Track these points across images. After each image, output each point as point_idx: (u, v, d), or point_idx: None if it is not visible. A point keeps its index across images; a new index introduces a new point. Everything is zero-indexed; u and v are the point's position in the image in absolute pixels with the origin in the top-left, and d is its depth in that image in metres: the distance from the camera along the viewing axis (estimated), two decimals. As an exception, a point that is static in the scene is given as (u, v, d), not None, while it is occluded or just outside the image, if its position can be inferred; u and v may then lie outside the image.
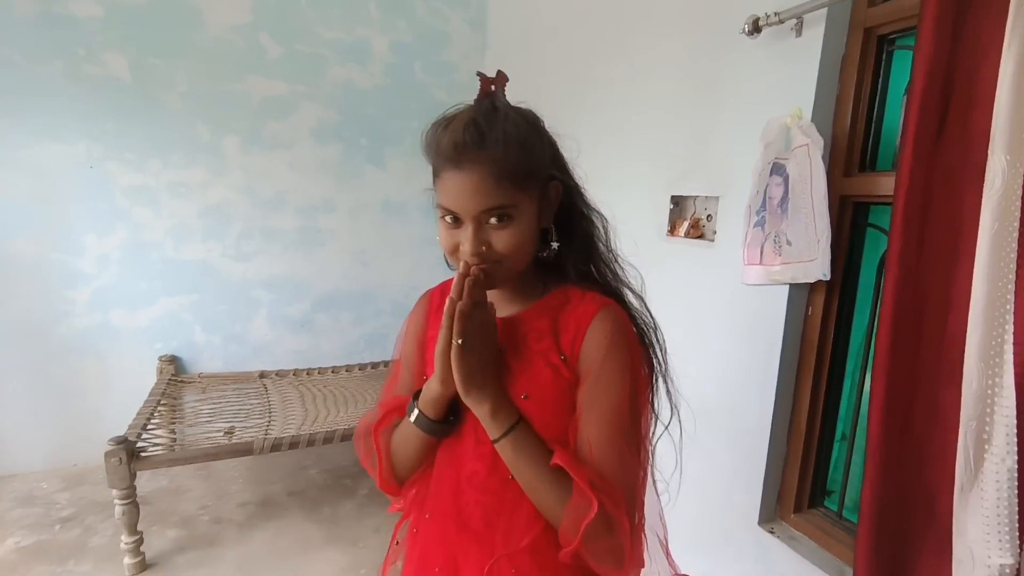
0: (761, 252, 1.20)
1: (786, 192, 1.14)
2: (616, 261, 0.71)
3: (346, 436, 2.04)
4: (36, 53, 2.23)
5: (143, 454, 1.83)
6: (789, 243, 1.14)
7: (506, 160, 0.58)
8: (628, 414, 0.61)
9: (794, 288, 1.25)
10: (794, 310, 1.27)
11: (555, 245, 0.66)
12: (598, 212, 0.70)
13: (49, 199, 2.33)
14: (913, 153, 0.87)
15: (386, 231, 2.97)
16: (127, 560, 1.83)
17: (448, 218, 0.62)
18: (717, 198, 1.46)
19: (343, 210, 2.87)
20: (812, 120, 1.15)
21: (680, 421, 0.74)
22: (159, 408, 2.22)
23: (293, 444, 1.98)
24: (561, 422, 0.62)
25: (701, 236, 1.54)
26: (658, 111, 1.67)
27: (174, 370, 2.61)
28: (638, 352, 0.64)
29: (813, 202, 1.09)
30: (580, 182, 0.69)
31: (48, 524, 2.13)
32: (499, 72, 0.64)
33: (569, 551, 0.58)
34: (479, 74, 0.64)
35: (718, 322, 1.48)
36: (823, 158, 1.10)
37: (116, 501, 1.78)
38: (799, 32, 1.17)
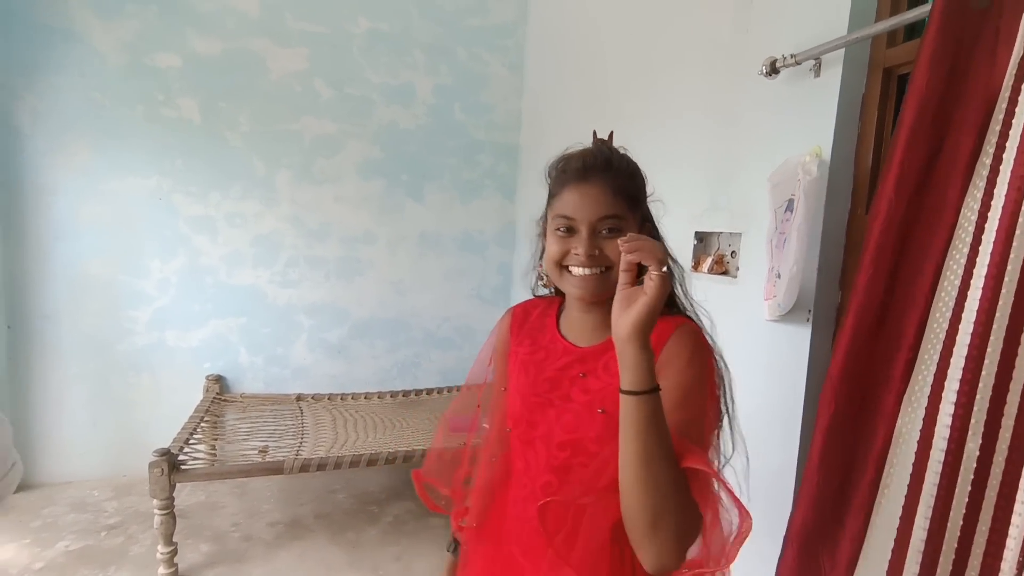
0: (770, 287, 1.20)
1: (795, 228, 1.14)
2: (691, 303, 0.77)
3: (372, 461, 2.09)
4: (122, 98, 2.52)
5: (183, 467, 1.94)
6: (779, 277, 1.14)
7: (623, 181, 0.70)
8: (707, 423, 0.63)
9: (817, 326, 1.22)
10: (818, 350, 1.24)
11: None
12: (675, 259, 0.74)
13: (123, 227, 2.58)
14: (896, 186, 0.86)
15: (421, 262, 3.08)
16: (161, 570, 1.91)
17: (562, 230, 0.70)
18: (740, 234, 1.46)
19: (382, 241, 3.01)
20: (832, 159, 1.15)
21: (747, 453, 0.77)
22: (202, 425, 2.34)
23: (321, 466, 2.03)
24: None
25: (725, 272, 1.53)
26: (684, 148, 1.70)
27: (219, 389, 2.76)
28: (712, 368, 0.67)
29: (794, 236, 1.09)
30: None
31: (95, 531, 2.25)
32: (611, 134, 0.77)
33: (717, 568, 0.57)
34: (594, 133, 0.76)
35: (743, 359, 1.44)
36: (810, 193, 1.09)
37: (155, 511, 1.88)
38: (817, 72, 1.18)
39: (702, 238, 1.62)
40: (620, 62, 2.12)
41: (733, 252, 1.49)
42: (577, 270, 0.68)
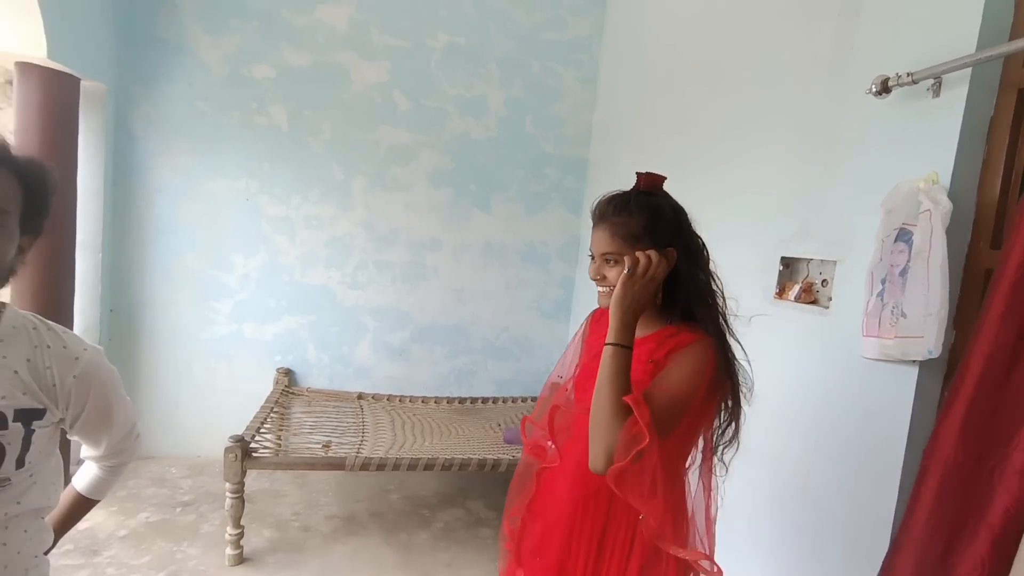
0: (880, 323, 1.10)
1: (909, 260, 1.04)
2: (723, 315, 0.92)
3: (429, 466, 2.11)
4: (222, 106, 2.72)
5: (254, 454, 2.04)
6: (904, 315, 1.03)
7: (621, 227, 0.89)
8: (684, 391, 0.82)
9: (926, 368, 1.11)
10: (926, 394, 1.13)
11: (659, 298, 0.91)
12: (712, 275, 0.93)
13: (213, 224, 2.77)
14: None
15: (484, 272, 3.11)
16: (228, 551, 2.02)
17: (591, 255, 0.96)
18: (835, 262, 1.36)
19: (448, 248, 3.07)
20: (952, 186, 1.05)
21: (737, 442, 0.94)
22: (271, 415, 2.47)
23: (380, 466, 2.08)
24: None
25: (814, 302, 1.43)
26: (771, 168, 1.62)
27: (288, 382, 2.90)
28: (710, 376, 0.85)
29: (928, 272, 0.98)
30: (703, 253, 0.93)
31: (171, 506, 2.41)
32: (649, 175, 0.92)
33: (619, 467, 0.76)
34: (637, 173, 0.93)
35: (830, 397, 1.34)
36: (945, 225, 0.99)
37: (227, 494, 1.98)
38: (937, 92, 1.09)
39: (788, 264, 1.53)
40: (701, 77, 2.06)
41: (824, 281, 1.40)
42: (597, 287, 0.96)
